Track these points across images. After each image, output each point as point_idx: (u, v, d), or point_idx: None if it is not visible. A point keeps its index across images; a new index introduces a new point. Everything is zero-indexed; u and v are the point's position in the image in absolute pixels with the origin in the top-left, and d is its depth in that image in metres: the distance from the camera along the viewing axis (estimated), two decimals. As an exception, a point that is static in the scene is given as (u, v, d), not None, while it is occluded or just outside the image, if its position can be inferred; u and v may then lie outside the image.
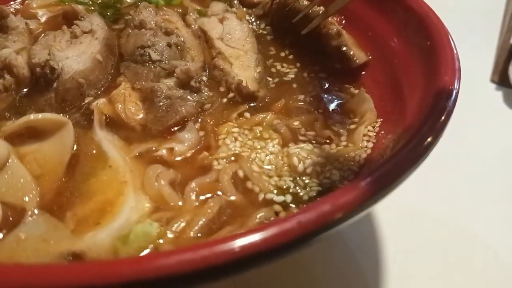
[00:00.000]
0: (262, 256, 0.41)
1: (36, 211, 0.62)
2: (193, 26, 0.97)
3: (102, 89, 0.82)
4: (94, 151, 0.71)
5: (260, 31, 1.01)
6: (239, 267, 0.42)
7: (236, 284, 0.69)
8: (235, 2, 1.07)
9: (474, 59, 1.18)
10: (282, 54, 0.94)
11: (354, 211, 0.45)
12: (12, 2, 1.07)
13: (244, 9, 1.06)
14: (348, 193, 0.46)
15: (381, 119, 0.77)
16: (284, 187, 0.66)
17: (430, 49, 0.70)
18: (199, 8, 1.07)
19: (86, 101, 0.77)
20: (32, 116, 0.70)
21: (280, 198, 0.64)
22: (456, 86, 0.61)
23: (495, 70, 1.17)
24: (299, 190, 0.65)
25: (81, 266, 0.42)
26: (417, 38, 0.75)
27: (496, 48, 1.21)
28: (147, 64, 0.84)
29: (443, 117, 0.56)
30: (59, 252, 0.54)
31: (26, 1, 1.07)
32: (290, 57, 0.93)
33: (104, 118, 0.74)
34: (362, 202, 0.45)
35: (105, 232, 0.57)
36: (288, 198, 0.64)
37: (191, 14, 1.01)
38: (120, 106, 0.76)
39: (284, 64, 0.91)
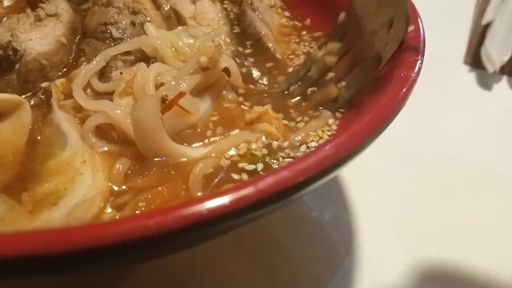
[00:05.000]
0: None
1: (-6, 193, 0.60)
2: (164, 6, 0.95)
3: (65, 70, 0.80)
4: (53, 132, 0.68)
5: (232, 15, 1.00)
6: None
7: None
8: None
9: (448, 42, 1.19)
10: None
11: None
12: (-25, -13, 1.04)
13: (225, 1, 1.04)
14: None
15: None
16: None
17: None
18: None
19: (47, 82, 0.76)
20: (-15, 98, 0.68)
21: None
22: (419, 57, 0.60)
23: (468, 52, 1.18)
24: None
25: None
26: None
27: (469, 31, 1.22)
28: (108, 41, 0.82)
29: (405, 88, 0.56)
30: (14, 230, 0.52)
31: (-9, -14, 1.04)
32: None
33: (62, 97, 0.71)
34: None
35: (60, 209, 0.55)
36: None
37: (163, -6, 1.00)
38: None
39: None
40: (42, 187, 0.60)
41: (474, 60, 1.15)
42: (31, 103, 0.72)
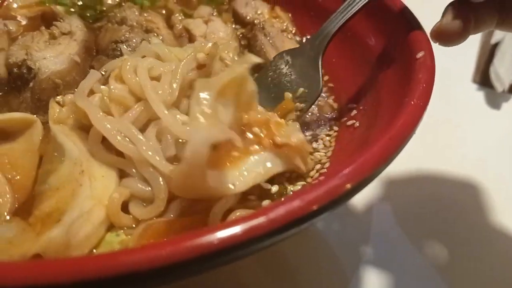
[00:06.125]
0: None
1: (7, 217, 0.61)
2: (177, 25, 0.97)
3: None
4: (52, 147, 0.67)
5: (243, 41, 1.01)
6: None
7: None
8: (229, 14, 1.07)
9: (457, 60, 1.19)
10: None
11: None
12: (-9, 4, 1.06)
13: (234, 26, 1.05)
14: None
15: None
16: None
17: (405, 47, 0.70)
18: (185, 9, 1.07)
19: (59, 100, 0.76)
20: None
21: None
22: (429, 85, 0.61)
23: (477, 71, 1.18)
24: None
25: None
26: (393, 37, 0.76)
27: (478, 49, 1.22)
28: (117, 58, 0.83)
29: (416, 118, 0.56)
30: (20, 253, 0.52)
31: (6, 2, 1.05)
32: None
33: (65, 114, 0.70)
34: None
35: (60, 227, 0.54)
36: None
37: (176, 15, 1.01)
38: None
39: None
40: (46, 205, 0.60)
41: (483, 78, 1.15)
42: (43, 121, 0.73)
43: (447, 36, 0.65)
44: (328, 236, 0.82)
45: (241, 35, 1.02)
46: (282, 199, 0.46)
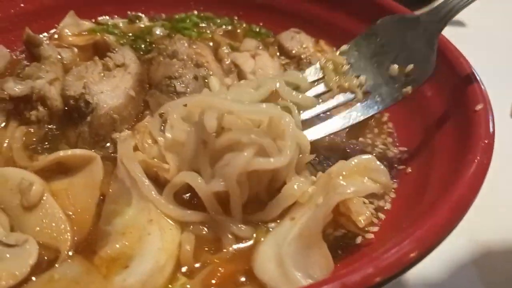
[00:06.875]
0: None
1: (70, 253, 0.62)
2: (225, 60, 0.99)
3: (133, 123, 0.83)
4: (118, 187, 0.69)
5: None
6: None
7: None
8: (275, 47, 1.08)
9: (495, 94, 1.18)
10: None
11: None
12: (45, 33, 1.09)
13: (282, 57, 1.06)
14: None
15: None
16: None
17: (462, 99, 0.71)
18: (231, 42, 1.09)
19: (117, 134, 0.78)
20: (62, 153, 0.71)
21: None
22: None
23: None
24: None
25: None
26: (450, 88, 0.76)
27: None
28: (171, 94, 0.85)
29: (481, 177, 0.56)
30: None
31: (58, 31, 1.08)
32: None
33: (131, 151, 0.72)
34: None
35: (134, 277, 0.56)
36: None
37: (224, 48, 1.03)
38: (139, 137, 0.75)
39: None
40: (112, 248, 0.61)
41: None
42: (100, 156, 0.74)
43: None
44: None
45: (285, 64, 1.03)
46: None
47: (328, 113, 0.77)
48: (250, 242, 0.65)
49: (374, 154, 0.81)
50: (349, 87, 0.76)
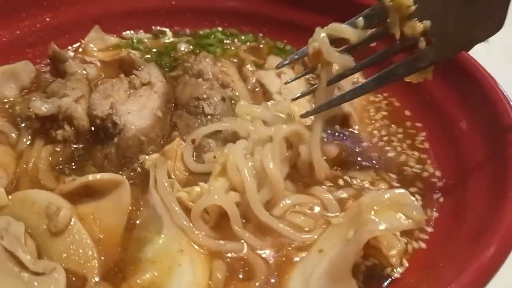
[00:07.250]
0: None
1: (96, 279, 0.61)
2: (251, 78, 0.98)
3: (159, 144, 0.82)
4: (149, 214, 0.69)
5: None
6: None
7: None
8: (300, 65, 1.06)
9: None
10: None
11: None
12: (69, 47, 1.09)
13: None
14: None
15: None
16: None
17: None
18: (255, 59, 1.08)
19: (144, 156, 0.77)
20: (90, 177, 0.70)
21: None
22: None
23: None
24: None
25: None
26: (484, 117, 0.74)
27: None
28: (199, 116, 0.84)
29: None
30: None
31: (84, 45, 1.08)
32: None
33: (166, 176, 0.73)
34: None
35: None
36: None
37: (248, 66, 1.02)
38: (170, 163, 0.75)
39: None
40: (141, 278, 0.60)
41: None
42: (128, 179, 0.72)
43: None
44: None
45: (310, 78, 1.01)
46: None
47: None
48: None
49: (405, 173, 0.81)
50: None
